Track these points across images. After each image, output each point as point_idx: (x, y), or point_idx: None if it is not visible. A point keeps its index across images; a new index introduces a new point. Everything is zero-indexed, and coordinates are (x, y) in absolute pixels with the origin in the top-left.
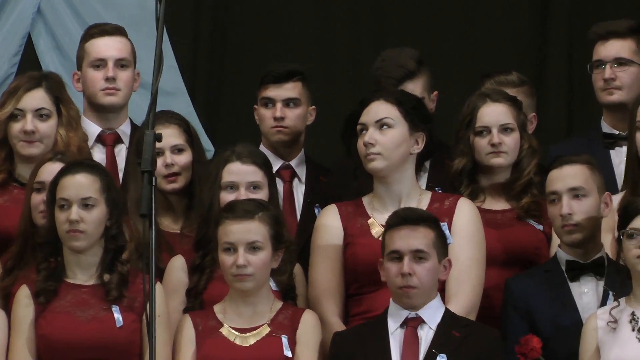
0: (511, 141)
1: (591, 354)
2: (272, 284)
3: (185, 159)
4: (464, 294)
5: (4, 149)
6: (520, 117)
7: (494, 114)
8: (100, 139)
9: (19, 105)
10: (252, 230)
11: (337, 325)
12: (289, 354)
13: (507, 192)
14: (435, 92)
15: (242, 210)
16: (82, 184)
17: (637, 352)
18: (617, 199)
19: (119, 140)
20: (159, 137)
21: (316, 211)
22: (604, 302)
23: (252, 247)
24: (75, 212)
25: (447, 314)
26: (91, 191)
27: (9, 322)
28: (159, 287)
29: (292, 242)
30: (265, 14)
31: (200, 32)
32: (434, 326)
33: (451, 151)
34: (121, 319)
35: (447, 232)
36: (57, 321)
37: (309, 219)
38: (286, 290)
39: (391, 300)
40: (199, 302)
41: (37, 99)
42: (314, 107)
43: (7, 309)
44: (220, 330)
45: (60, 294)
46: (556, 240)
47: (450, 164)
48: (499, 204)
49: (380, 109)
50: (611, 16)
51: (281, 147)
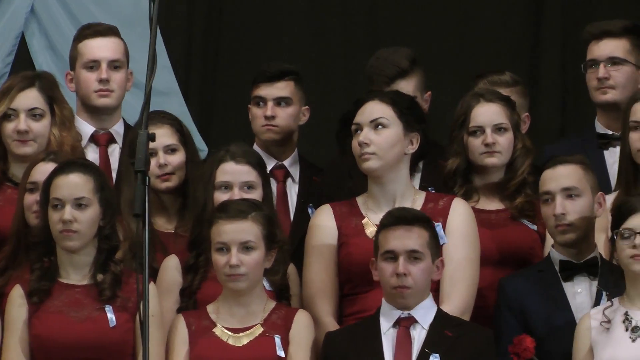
0: (505, 141)
1: (584, 354)
2: (266, 284)
3: (178, 158)
4: (458, 294)
5: None
6: (514, 117)
7: (487, 113)
8: (93, 139)
9: (13, 105)
10: (245, 230)
11: (332, 325)
12: (282, 354)
13: (501, 192)
14: (428, 92)
15: (235, 210)
16: (75, 184)
17: (630, 352)
18: (610, 199)
19: (112, 140)
20: (152, 137)
21: (310, 211)
22: (597, 302)
23: (245, 247)
24: (68, 212)
25: (439, 314)
26: (85, 191)
27: (2, 322)
28: (152, 287)
29: (286, 242)
30: (259, 14)
31: (193, 32)
32: (427, 326)
33: (445, 151)
34: (114, 319)
35: (441, 232)
36: (51, 321)
37: (303, 219)
38: (280, 290)
39: (383, 300)
40: (192, 301)
41: (30, 98)
42: (307, 107)
43: (1, 309)
44: (213, 330)
45: (53, 294)
46: (550, 240)
47: (444, 164)
48: (492, 204)
49: (375, 109)
50: (604, 17)
51: (272, 146)
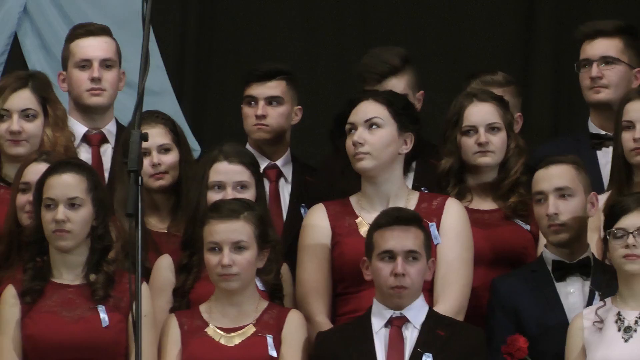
0: (498, 140)
1: (577, 354)
2: (259, 284)
3: (172, 158)
4: (452, 294)
5: None
6: (507, 117)
7: (480, 113)
8: (86, 139)
9: (5, 105)
10: (237, 229)
11: (325, 324)
12: (274, 353)
13: (495, 192)
14: (421, 92)
15: (227, 209)
16: (68, 184)
17: (622, 352)
18: (603, 199)
19: (104, 140)
20: (145, 137)
21: (302, 211)
22: (590, 302)
23: (237, 247)
24: (61, 211)
25: (431, 313)
26: (77, 191)
27: None
28: (145, 287)
29: (278, 242)
30: (251, 14)
31: (186, 31)
32: (419, 325)
33: (438, 151)
34: (107, 318)
35: (435, 232)
36: (43, 321)
37: (295, 218)
38: (273, 290)
39: (375, 299)
40: (185, 301)
41: (23, 99)
42: (299, 107)
43: None
44: (205, 330)
45: (46, 294)
46: (543, 240)
47: (437, 164)
48: (486, 204)
49: (369, 109)
50: (597, 17)
51: (264, 145)
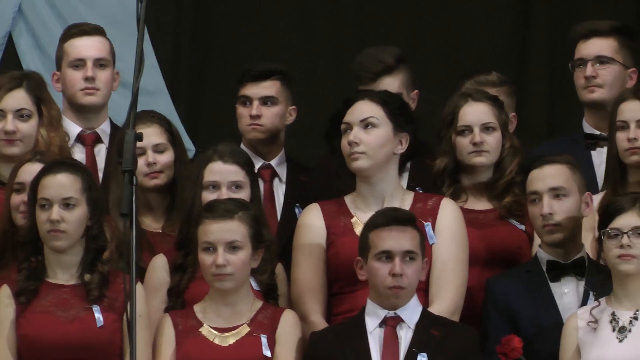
0: (493, 140)
1: (571, 354)
2: (254, 284)
3: (167, 158)
4: (448, 294)
5: None
6: (502, 117)
7: (475, 113)
8: (80, 139)
9: (0, 105)
10: (232, 229)
11: (320, 324)
12: (268, 353)
13: (489, 192)
14: (416, 91)
15: (221, 209)
16: (63, 184)
17: (617, 352)
18: (597, 199)
19: (98, 140)
20: (139, 137)
21: (297, 211)
22: (584, 302)
23: (232, 247)
24: (56, 212)
25: (425, 313)
26: (72, 191)
27: None
28: (139, 287)
29: (273, 242)
30: (246, 14)
31: (181, 31)
32: (413, 325)
33: (433, 151)
34: (102, 318)
35: (430, 232)
36: (38, 321)
37: (290, 218)
38: (267, 290)
39: (368, 299)
40: (180, 301)
41: (17, 99)
42: (294, 107)
43: None
44: (199, 329)
45: (41, 294)
46: (537, 240)
47: (432, 164)
48: (481, 204)
49: (365, 109)
50: (592, 17)
51: (259, 145)
